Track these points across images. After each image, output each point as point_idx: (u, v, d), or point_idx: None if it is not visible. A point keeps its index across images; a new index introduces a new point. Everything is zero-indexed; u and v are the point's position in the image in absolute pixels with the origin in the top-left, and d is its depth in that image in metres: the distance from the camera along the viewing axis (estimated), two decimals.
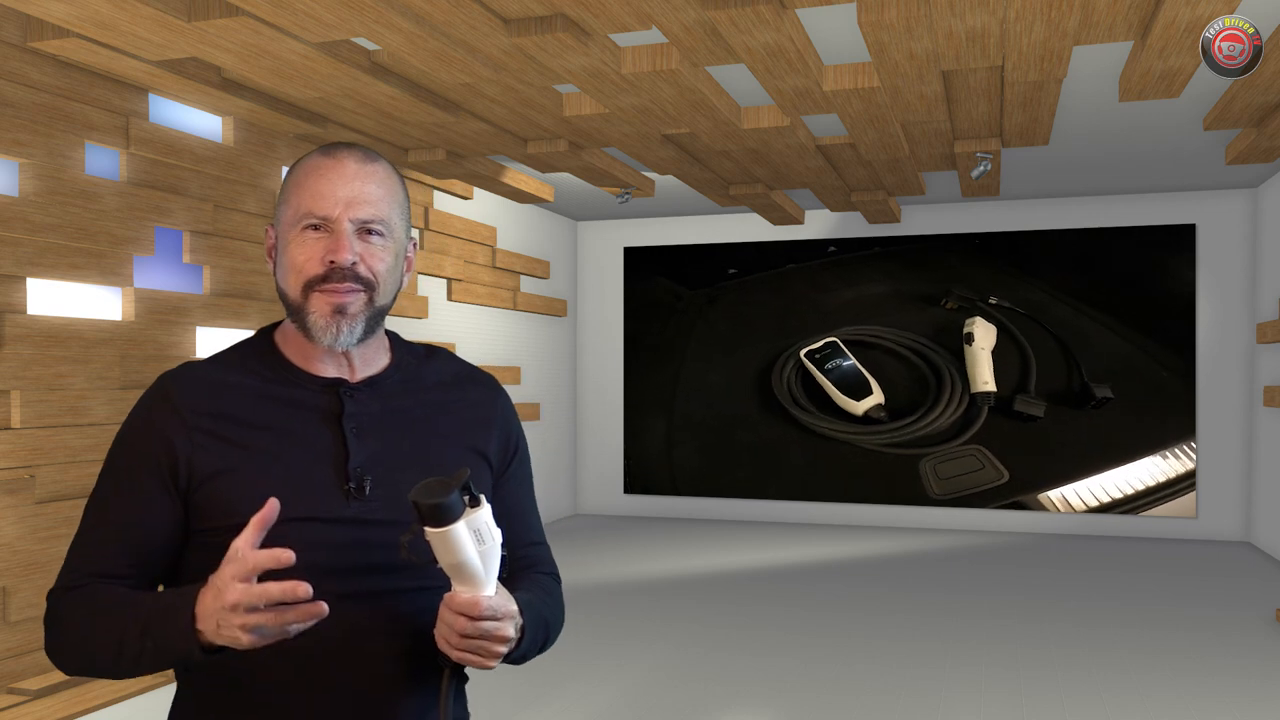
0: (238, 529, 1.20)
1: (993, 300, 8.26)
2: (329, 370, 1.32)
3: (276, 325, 1.38)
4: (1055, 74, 4.29)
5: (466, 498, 1.14)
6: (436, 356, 1.42)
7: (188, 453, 1.24)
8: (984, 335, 8.33)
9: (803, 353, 8.50)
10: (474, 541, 1.14)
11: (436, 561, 1.15)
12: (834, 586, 6.22)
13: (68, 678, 3.95)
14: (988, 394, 8.25)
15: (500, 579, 1.24)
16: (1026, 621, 5.33)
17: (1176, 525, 8.02)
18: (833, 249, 8.54)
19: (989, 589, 6.14)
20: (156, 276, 4.65)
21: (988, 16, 3.65)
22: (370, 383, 1.33)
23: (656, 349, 8.76)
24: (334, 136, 5.32)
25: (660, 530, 8.46)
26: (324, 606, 1.09)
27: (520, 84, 4.47)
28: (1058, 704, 4.03)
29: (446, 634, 1.17)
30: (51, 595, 1.25)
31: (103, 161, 4.37)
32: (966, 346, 8.33)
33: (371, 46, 4.27)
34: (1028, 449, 8.20)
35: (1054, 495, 8.13)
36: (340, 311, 1.25)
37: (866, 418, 8.38)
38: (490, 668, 1.19)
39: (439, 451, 1.33)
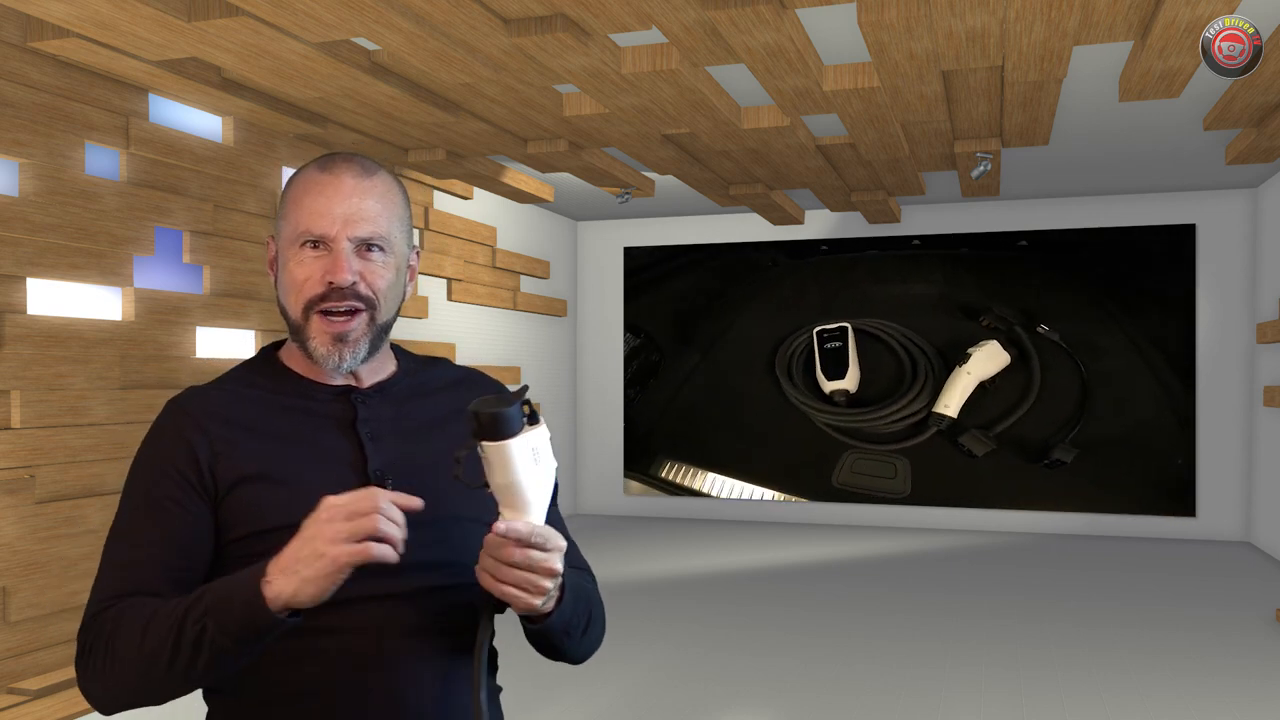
0: (266, 535, 1.20)
1: (1041, 329, 8.17)
2: (337, 380, 1.32)
3: (277, 345, 1.38)
4: (1055, 74, 4.29)
5: (526, 415, 1.11)
6: (438, 364, 1.43)
7: (210, 460, 1.23)
8: (981, 362, 8.30)
9: (815, 329, 8.65)
10: (531, 461, 1.11)
11: (487, 485, 1.12)
12: (834, 586, 6.22)
13: (68, 678, 3.95)
14: (942, 417, 8.37)
15: None
16: (1026, 621, 5.33)
17: (1176, 525, 8.02)
18: (916, 241, 8.52)
19: (989, 589, 6.14)
20: (156, 276, 4.65)
21: (988, 16, 3.65)
22: (380, 389, 1.34)
23: (733, 300, 8.91)
24: (334, 136, 5.32)
25: (660, 530, 8.46)
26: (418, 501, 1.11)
27: (520, 84, 4.47)
28: (1058, 704, 4.04)
29: (491, 566, 1.13)
30: (84, 628, 1.19)
31: (103, 161, 4.36)
32: (958, 365, 8.36)
33: (371, 46, 4.27)
34: (948, 477, 8.38)
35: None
36: (341, 340, 1.25)
37: (830, 398, 8.60)
38: (535, 607, 1.15)
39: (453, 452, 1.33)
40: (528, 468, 1.11)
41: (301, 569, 1.06)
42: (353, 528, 1.06)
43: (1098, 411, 8.07)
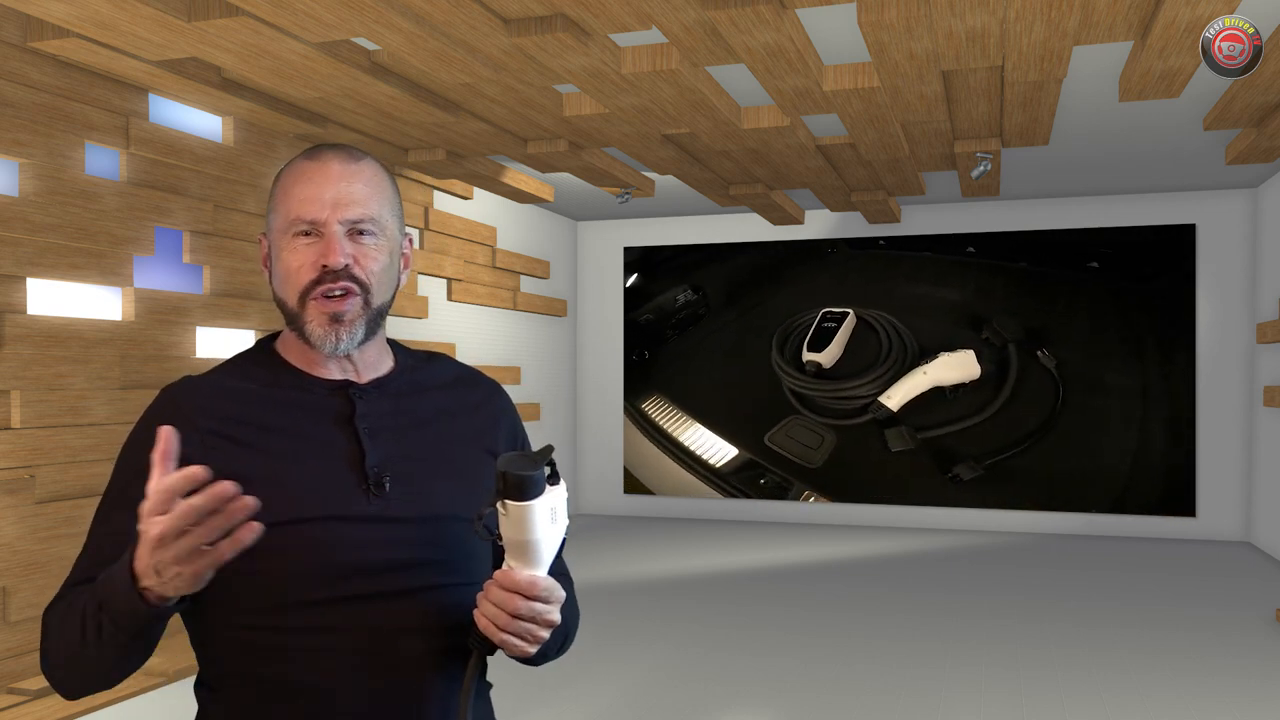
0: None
1: (1041, 353, 8.22)
2: (335, 374, 1.31)
3: (275, 336, 1.37)
4: (1055, 74, 4.29)
5: (549, 474, 1.13)
6: (437, 360, 1.42)
7: (199, 458, 1.20)
8: (943, 368, 8.44)
9: (823, 310, 8.86)
10: (549, 520, 1.13)
11: (500, 538, 1.13)
12: (834, 586, 6.22)
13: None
14: (881, 406, 8.59)
15: None
16: (1026, 621, 5.33)
17: (1176, 525, 8.02)
18: (971, 249, 8.56)
19: (989, 589, 6.14)
20: (156, 276, 4.64)
21: (988, 16, 3.65)
22: (378, 384, 1.33)
23: (785, 277, 9.10)
24: (334, 136, 5.32)
25: (660, 530, 8.46)
26: (251, 501, 1.01)
27: (520, 84, 4.47)
28: (1058, 704, 4.04)
29: (494, 614, 1.15)
30: (44, 613, 1.24)
31: (103, 161, 4.36)
32: (921, 363, 8.47)
33: (371, 46, 4.27)
34: (861, 460, 8.63)
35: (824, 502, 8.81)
36: (338, 320, 1.25)
37: (804, 367, 8.87)
38: (529, 654, 1.18)
39: (451, 450, 1.33)
40: (545, 526, 1.13)
41: (167, 582, 1.04)
42: (189, 544, 1.01)
43: (1049, 442, 8.19)
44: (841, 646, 4.86)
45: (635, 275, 9.37)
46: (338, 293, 1.25)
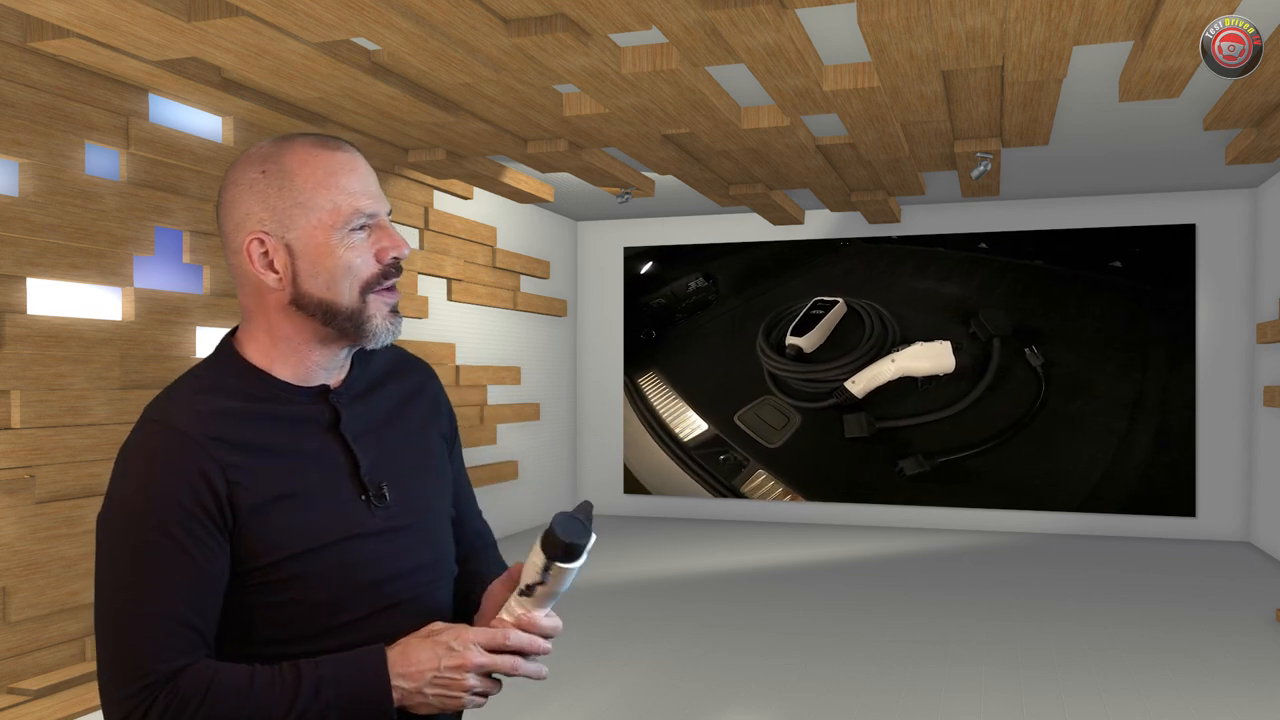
0: (285, 564, 1.17)
1: (1029, 350, 8.22)
2: (318, 379, 1.26)
3: (232, 338, 1.28)
4: (1055, 74, 4.29)
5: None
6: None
7: (226, 490, 1.15)
8: (911, 358, 8.46)
9: (815, 298, 8.90)
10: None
11: (531, 591, 1.19)
12: (834, 587, 6.22)
13: (68, 678, 3.95)
14: (846, 392, 8.67)
15: (460, 556, 1.36)
16: (1026, 621, 5.33)
17: (1176, 525, 8.02)
18: (983, 245, 8.55)
19: (989, 589, 6.14)
20: (156, 276, 4.64)
21: (988, 16, 3.65)
22: (346, 385, 1.29)
23: (794, 268, 9.16)
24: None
25: (660, 530, 8.46)
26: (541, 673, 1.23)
27: (520, 84, 4.47)
28: (1057, 704, 4.04)
29: (511, 663, 1.22)
30: (147, 689, 1.10)
31: (103, 161, 4.36)
32: (892, 351, 8.51)
33: (371, 46, 4.27)
34: (821, 448, 8.74)
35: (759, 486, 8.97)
36: (395, 311, 1.26)
37: (785, 350, 8.94)
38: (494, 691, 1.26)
39: (419, 444, 1.33)
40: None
41: (431, 699, 1.16)
42: (486, 686, 1.18)
43: (1035, 441, 8.18)
44: (841, 647, 4.86)
45: (651, 262, 9.41)
46: (394, 286, 1.26)
